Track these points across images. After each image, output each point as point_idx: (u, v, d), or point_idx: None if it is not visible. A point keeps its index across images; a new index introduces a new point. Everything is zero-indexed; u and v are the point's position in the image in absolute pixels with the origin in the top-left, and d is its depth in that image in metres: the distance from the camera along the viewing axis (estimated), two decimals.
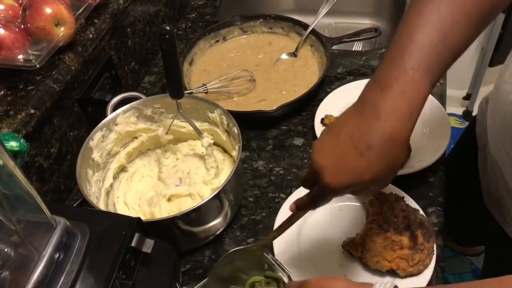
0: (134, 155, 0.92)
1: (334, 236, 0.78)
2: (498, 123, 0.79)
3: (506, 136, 0.76)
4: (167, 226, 0.72)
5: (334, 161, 0.54)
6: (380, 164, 0.53)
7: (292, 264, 0.74)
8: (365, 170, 0.53)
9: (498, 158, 0.82)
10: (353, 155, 0.53)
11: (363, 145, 0.52)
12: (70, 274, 0.53)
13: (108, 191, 0.85)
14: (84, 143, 0.80)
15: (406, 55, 0.54)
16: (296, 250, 0.77)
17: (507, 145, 0.76)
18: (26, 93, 0.76)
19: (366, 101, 0.55)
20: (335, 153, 0.54)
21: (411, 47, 0.54)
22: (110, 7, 0.93)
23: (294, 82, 1.07)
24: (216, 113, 0.85)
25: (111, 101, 0.86)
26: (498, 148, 0.81)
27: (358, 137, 0.53)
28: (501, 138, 0.78)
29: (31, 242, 0.49)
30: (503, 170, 0.81)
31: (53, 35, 0.78)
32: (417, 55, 0.54)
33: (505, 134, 0.76)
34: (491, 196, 0.94)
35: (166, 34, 0.70)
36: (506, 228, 0.90)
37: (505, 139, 0.77)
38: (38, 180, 0.81)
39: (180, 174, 0.86)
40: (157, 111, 0.88)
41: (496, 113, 0.79)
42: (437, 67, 0.55)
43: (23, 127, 0.73)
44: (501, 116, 0.76)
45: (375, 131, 0.52)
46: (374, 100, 0.54)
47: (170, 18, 1.26)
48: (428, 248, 0.72)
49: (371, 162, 0.52)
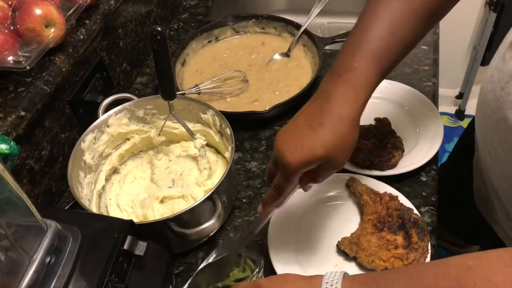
0: (126, 156, 0.91)
1: (329, 236, 0.78)
2: (482, 123, 0.80)
3: (488, 136, 0.77)
4: (160, 228, 0.71)
5: (292, 142, 0.59)
6: (331, 140, 0.58)
7: (286, 264, 0.74)
8: (319, 145, 0.58)
9: (484, 157, 0.82)
10: (307, 133, 0.59)
11: (315, 124, 0.59)
12: (62, 277, 0.52)
13: (100, 193, 0.84)
14: (75, 145, 0.79)
15: (357, 47, 0.61)
16: (291, 250, 0.77)
17: (489, 144, 0.77)
18: (16, 95, 0.75)
19: (321, 89, 0.62)
20: (293, 135, 0.60)
21: (362, 39, 0.62)
22: (101, 7, 0.93)
23: (287, 83, 1.06)
24: (209, 114, 0.85)
25: (102, 103, 0.85)
26: (483, 148, 0.81)
27: (312, 118, 0.60)
28: (485, 138, 0.79)
29: (21, 246, 0.49)
30: (488, 168, 0.82)
31: (43, 36, 0.78)
32: (366, 47, 0.61)
33: (487, 133, 0.77)
34: (480, 197, 0.95)
35: (157, 35, 0.69)
36: (495, 227, 0.91)
37: (487, 139, 0.77)
38: (29, 182, 0.80)
39: (173, 176, 0.85)
40: (149, 112, 0.87)
41: (480, 112, 0.80)
42: (385, 58, 0.62)
43: (13, 130, 0.72)
44: (484, 117, 0.77)
45: (326, 112, 0.59)
46: (327, 88, 0.61)
47: (162, 18, 1.25)
48: (422, 247, 0.73)
49: (323, 139, 0.58)
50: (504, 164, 0.74)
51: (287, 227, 0.79)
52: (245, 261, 0.71)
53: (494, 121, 0.72)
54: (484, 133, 0.80)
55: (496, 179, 0.81)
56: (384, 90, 1.00)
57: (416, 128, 0.93)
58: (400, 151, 0.87)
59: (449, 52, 1.72)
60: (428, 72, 1.07)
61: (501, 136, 0.71)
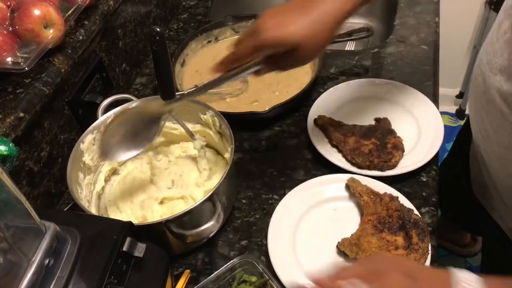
0: None
1: (329, 236, 0.78)
2: (474, 106, 0.82)
3: (479, 117, 0.79)
4: (159, 230, 0.71)
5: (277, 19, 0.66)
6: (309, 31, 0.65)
7: (286, 264, 0.74)
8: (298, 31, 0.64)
9: (478, 140, 0.84)
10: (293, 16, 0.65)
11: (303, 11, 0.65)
12: (61, 280, 0.52)
13: (100, 194, 0.84)
14: (74, 146, 0.79)
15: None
16: (291, 250, 0.76)
17: (481, 126, 0.79)
18: (15, 96, 0.75)
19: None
20: (281, 13, 0.67)
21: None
22: (100, 8, 0.93)
23: (287, 83, 1.06)
24: (208, 114, 0.84)
25: (102, 104, 0.85)
26: (476, 130, 0.83)
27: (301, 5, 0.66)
28: (477, 120, 0.81)
29: (20, 248, 0.48)
30: (482, 151, 0.84)
31: (42, 37, 0.77)
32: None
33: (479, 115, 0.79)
34: (478, 184, 0.96)
35: (156, 36, 0.69)
36: (493, 213, 0.91)
37: (479, 121, 0.79)
38: (28, 184, 0.80)
39: (173, 177, 0.85)
40: None
41: (472, 97, 0.82)
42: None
43: (12, 131, 0.72)
44: (475, 99, 0.79)
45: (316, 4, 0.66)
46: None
47: (161, 18, 1.25)
48: (423, 248, 0.72)
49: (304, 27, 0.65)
50: (494, 145, 0.76)
51: (287, 228, 0.79)
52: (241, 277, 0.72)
53: (484, 102, 0.74)
54: (476, 115, 0.82)
55: (489, 160, 0.82)
56: (384, 90, 1.00)
57: (416, 128, 0.93)
58: (401, 151, 0.86)
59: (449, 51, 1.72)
60: (428, 71, 1.07)
61: (490, 117, 0.74)
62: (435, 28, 1.18)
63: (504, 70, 0.69)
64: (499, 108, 0.70)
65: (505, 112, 0.69)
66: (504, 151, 0.74)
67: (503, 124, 0.71)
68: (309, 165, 0.91)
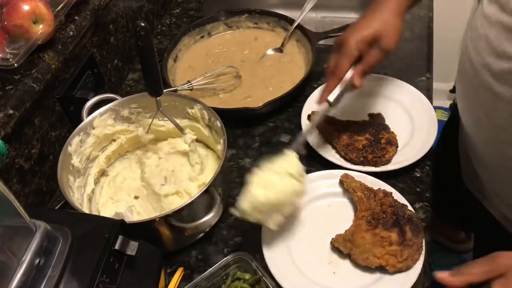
0: (113, 158, 0.89)
1: (323, 233, 0.78)
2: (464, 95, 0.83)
3: (470, 104, 0.80)
4: (152, 227, 0.70)
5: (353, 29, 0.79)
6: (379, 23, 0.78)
7: (280, 261, 0.74)
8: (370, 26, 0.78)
9: (469, 128, 0.84)
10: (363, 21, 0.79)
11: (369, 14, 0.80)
12: (52, 279, 0.51)
13: (90, 197, 0.82)
14: (62, 149, 0.77)
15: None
16: (285, 247, 0.76)
17: (472, 112, 0.80)
18: (4, 93, 0.74)
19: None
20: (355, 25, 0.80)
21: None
22: (91, 3, 0.91)
23: (280, 78, 1.06)
24: (196, 108, 0.83)
25: (86, 105, 0.83)
26: (467, 119, 0.83)
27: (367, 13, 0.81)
28: (468, 108, 0.81)
29: (9, 248, 0.48)
30: (474, 137, 0.84)
31: (31, 33, 0.76)
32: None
33: (469, 102, 0.81)
34: (468, 174, 0.96)
35: (141, 31, 0.68)
36: (485, 202, 0.91)
37: (470, 108, 0.81)
38: (19, 182, 0.79)
39: (165, 173, 0.84)
40: (134, 111, 0.86)
41: (461, 85, 0.84)
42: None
43: (2, 128, 0.70)
44: (465, 87, 0.81)
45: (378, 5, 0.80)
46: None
47: (153, 13, 1.24)
48: (417, 243, 0.72)
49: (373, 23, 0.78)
50: (487, 128, 0.77)
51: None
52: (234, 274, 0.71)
53: (475, 87, 0.75)
54: (466, 103, 0.82)
55: (482, 146, 0.82)
56: (378, 85, 1.00)
57: (410, 123, 0.93)
58: (394, 147, 0.86)
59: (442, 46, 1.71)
60: (422, 67, 1.06)
61: (482, 100, 0.74)
62: (429, 23, 1.17)
63: (493, 51, 0.69)
64: (491, 89, 0.71)
65: (499, 92, 0.70)
66: (501, 133, 0.74)
67: (497, 105, 0.71)
68: (302, 161, 0.90)
